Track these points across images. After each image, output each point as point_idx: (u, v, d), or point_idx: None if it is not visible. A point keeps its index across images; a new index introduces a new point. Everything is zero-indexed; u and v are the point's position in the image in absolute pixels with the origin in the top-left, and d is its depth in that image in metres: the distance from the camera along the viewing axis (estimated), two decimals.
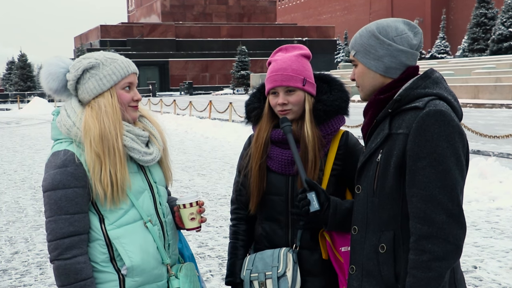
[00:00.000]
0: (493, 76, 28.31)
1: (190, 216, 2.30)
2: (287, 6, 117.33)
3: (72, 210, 2.08)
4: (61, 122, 2.17)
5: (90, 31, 67.67)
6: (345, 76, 38.65)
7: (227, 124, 19.07)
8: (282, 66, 2.37)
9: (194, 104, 26.82)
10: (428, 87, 1.95)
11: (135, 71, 2.25)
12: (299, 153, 2.33)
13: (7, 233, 7.02)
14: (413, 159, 1.85)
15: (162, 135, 2.35)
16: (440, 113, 1.84)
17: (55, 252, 2.09)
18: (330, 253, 2.33)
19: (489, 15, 47.67)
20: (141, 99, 2.27)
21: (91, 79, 2.16)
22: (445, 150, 1.82)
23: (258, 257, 2.40)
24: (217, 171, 11.11)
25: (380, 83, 2.04)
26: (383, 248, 1.95)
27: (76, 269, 2.07)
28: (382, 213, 1.97)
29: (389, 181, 1.93)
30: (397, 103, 1.95)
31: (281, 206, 2.40)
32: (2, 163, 13.14)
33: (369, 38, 2.02)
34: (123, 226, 2.16)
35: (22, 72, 50.58)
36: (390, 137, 1.95)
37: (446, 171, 1.82)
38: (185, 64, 60.06)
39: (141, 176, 2.25)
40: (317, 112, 2.38)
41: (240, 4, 71.57)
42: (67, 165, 2.09)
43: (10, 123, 26.56)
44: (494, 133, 13.35)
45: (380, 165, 1.96)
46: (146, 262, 2.18)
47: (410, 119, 1.89)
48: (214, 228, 6.85)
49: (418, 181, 1.84)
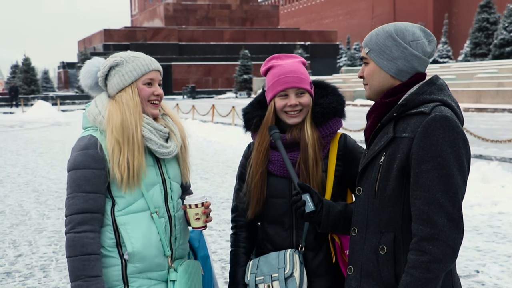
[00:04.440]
0: (495, 80, 28.28)
1: (195, 216, 2.39)
2: (289, 10, 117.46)
3: (89, 189, 2.26)
4: (89, 111, 2.39)
5: (93, 35, 67.75)
6: (348, 81, 38.69)
7: (230, 128, 19.10)
8: (291, 69, 2.41)
9: (197, 108, 26.85)
10: (433, 93, 1.98)
11: (157, 68, 2.43)
12: (300, 154, 2.38)
13: (11, 236, 7.05)
14: (418, 162, 1.88)
15: (182, 133, 2.50)
16: (446, 119, 1.88)
17: (68, 226, 2.26)
18: (338, 255, 2.37)
19: (491, 20, 47.66)
20: (162, 94, 2.43)
21: (115, 75, 2.37)
22: (449, 155, 1.86)
23: (262, 260, 2.41)
24: (219, 175, 11.14)
25: (389, 85, 2.05)
26: (383, 249, 1.98)
27: (84, 243, 2.23)
28: (383, 214, 2.00)
29: (391, 183, 1.96)
30: (402, 108, 1.98)
31: (284, 208, 2.43)
32: (6, 166, 13.18)
33: (386, 38, 2.03)
34: (130, 214, 2.31)
35: (26, 75, 50.62)
36: (394, 140, 1.98)
37: (449, 176, 1.85)
38: (188, 68, 60.09)
39: (155, 169, 2.40)
40: (315, 115, 2.43)
41: (243, 8, 71.60)
42: (89, 148, 2.29)
43: (14, 126, 26.60)
44: (496, 138, 13.36)
45: (382, 168, 1.99)
46: (147, 249, 2.30)
47: (416, 124, 1.92)
48: (216, 232, 6.88)
49: (422, 183, 1.87)
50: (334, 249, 2.38)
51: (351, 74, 43.28)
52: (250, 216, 2.48)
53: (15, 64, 60.03)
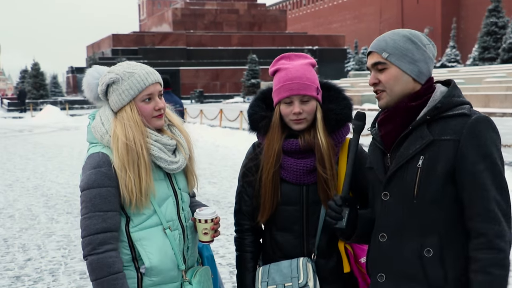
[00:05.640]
0: (504, 85, 28.16)
1: (203, 231, 2.40)
2: (297, 15, 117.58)
3: (106, 207, 2.21)
4: (95, 128, 2.32)
5: (102, 40, 68.10)
6: (355, 85, 38.63)
7: (238, 132, 19.09)
8: (297, 74, 2.33)
9: (205, 113, 26.89)
10: (461, 96, 2.04)
11: (154, 81, 2.33)
12: (316, 162, 2.33)
13: (20, 240, 7.09)
14: (471, 163, 1.91)
15: (189, 144, 2.46)
16: (489, 120, 1.96)
17: (88, 247, 2.21)
18: (352, 264, 2.36)
19: (500, 24, 47.47)
20: (163, 107, 2.35)
21: (113, 93, 2.30)
22: (495, 154, 1.93)
23: (273, 269, 2.36)
24: (227, 179, 11.15)
25: (411, 88, 2.05)
26: (429, 252, 1.97)
27: (109, 262, 2.18)
28: (424, 218, 1.98)
29: (434, 186, 1.96)
30: (437, 110, 1.99)
31: (295, 216, 2.39)
32: (15, 171, 13.26)
33: (406, 42, 2.04)
34: (145, 229, 2.29)
35: (35, 80, 50.83)
36: (433, 143, 1.97)
37: (500, 174, 1.93)
38: (196, 73, 60.19)
39: (166, 183, 2.37)
40: (330, 122, 2.37)
41: (251, 13, 71.77)
42: (101, 166, 2.24)
43: (23, 131, 26.76)
44: (505, 142, 13.28)
45: (422, 171, 1.97)
46: (164, 263, 2.29)
47: (457, 125, 1.95)
48: (224, 236, 6.88)
49: (480, 183, 1.91)
50: (348, 258, 2.36)
51: (359, 79, 43.20)
52: (262, 222, 2.44)
53: (24, 69, 60.37)
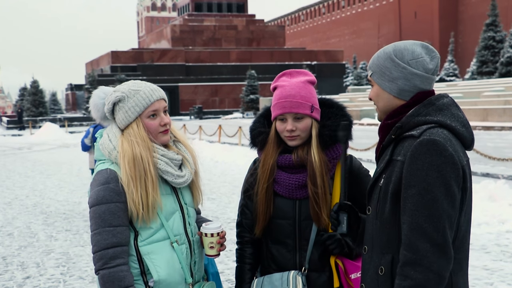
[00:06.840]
0: (502, 98, 28.26)
1: (209, 245, 2.45)
2: (296, 30, 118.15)
3: (115, 222, 2.28)
4: (103, 145, 2.40)
5: (101, 57, 68.35)
6: (354, 100, 38.75)
7: (237, 148, 19.13)
8: (291, 92, 2.40)
9: (204, 129, 26.95)
10: (429, 114, 1.97)
11: (159, 97, 2.40)
12: (308, 178, 2.39)
13: (19, 258, 7.08)
14: (405, 186, 1.89)
15: (194, 160, 2.53)
16: (433, 143, 1.87)
17: (100, 262, 2.26)
18: (342, 280, 2.38)
19: (498, 38, 47.76)
20: (169, 122, 2.43)
21: (120, 111, 2.39)
22: (435, 180, 1.84)
23: (266, 280, 2.43)
24: (226, 195, 11.15)
25: (394, 105, 2.06)
26: (382, 270, 2.00)
27: (120, 276, 2.24)
28: (383, 236, 2.02)
29: (388, 206, 1.98)
30: (399, 130, 1.99)
31: (288, 230, 2.44)
32: (14, 188, 13.24)
33: (385, 60, 2.05)
34: (153, 243, 2.34)
35: (34, 98, 50.99)
36: (391, 163, 2.00)
37: (433, 201, 1.84)
38: (195, 89, 60.37)
39: (173, 197, 2.43)
40: (323, 138, 2.42)
41: (249, 29, 72.10)
42: (109, 182, 2.30)
43: (22, 148, 26.76)
44: (504, 156, 13.32)
45: (381, 190, 2.02)
46: (171, 276, 2.35)
47: (407, 147, 1.93)
48: (223, 252, 6.86)
49: (408, 209, 1.88)
50: (338, 274, 2.39)
51: (358, 93, 43.35)
52: (258, 234, 2.51)
53: (24, 87, 60.56)
